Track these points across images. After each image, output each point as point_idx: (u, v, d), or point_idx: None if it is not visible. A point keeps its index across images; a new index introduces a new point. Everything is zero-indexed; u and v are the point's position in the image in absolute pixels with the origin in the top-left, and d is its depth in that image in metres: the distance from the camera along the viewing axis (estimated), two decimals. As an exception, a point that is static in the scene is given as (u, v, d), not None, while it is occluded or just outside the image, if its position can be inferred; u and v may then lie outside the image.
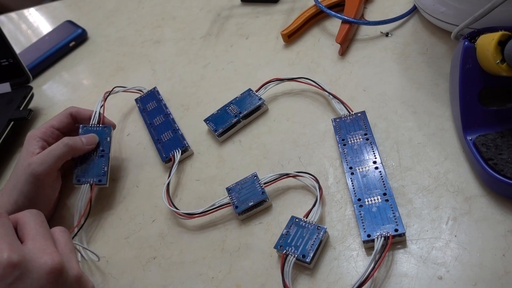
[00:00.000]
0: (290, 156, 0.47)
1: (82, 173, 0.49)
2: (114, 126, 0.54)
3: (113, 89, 0.57)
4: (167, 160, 0.50)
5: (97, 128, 0.51)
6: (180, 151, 0.50)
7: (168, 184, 0.47)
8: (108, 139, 0.51)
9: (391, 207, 0.38)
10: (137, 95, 0.59)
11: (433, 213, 0.38)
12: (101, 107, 0.53)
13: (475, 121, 0.39)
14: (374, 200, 0.39)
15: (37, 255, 0.32)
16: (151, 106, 0.57)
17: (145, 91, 0.59)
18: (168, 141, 0.51)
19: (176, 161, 0.49)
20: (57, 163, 0.47)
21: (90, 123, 0.52)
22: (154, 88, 0.58)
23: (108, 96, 0.56)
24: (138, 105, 0.58)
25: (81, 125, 0.51)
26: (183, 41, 0.67)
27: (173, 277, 0.42)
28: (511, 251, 0.34)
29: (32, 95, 0.67)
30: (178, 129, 0.52)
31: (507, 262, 0.34)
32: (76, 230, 0.46)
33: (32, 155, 0.47)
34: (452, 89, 0.43)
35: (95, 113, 0.52)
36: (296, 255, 0.37)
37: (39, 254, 0.33)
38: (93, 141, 0.50)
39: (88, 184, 0.48)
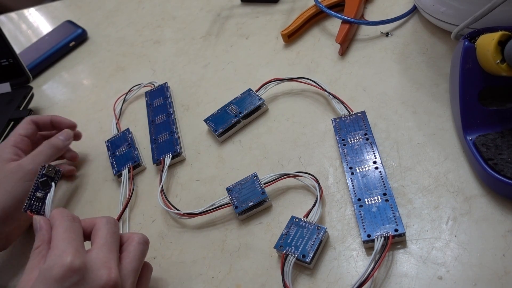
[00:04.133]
0: (290, 156, 0.47)
1: (117, 164, 0.52)
2: (74, 127, 0.55)
3: (119, 97, 0.61)
4: (157, 162, 0.50)
5: (119, 135, 0.55)
6: (170, 156, 0.50)
7: (162, 188, 0.47)
8: (130, 135, 0.54)
9: (391, 207, 0.38)
10: (148, 88, 0.60)
11: (433, 213, 0.38)
12: (116, 123, 0.58)
13: (475, 121, 0.39)
14: (374, 200, 0.39)
15: (97, 266, 0.33)
16: (158, 102, 0.57)
17: (156, 84, 0.60)
18: (163, 143, 0.51)
19: (166, 166, 0.49)
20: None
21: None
22: (165, 83, 0.59)
23: (122, 105, 0.61)
24: (146, 98, 0.59)
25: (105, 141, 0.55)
26: (183, 41, 0.67)
27: (173, 277, 0.42)
28: (511, 251, 0.34)
29: (32, 95, 0.67)
30: (175, 131, 0.52)
31: (507, 262, 0.33)
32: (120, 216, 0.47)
33: (8, 161, 0.47)
34: (452, 89, 0.43)
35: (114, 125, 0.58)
36: (296, 255, 0.37)
37: (99, 266, 0.33)
38: (68, 135, 0.52)
39: (127, 168, 0.50)
